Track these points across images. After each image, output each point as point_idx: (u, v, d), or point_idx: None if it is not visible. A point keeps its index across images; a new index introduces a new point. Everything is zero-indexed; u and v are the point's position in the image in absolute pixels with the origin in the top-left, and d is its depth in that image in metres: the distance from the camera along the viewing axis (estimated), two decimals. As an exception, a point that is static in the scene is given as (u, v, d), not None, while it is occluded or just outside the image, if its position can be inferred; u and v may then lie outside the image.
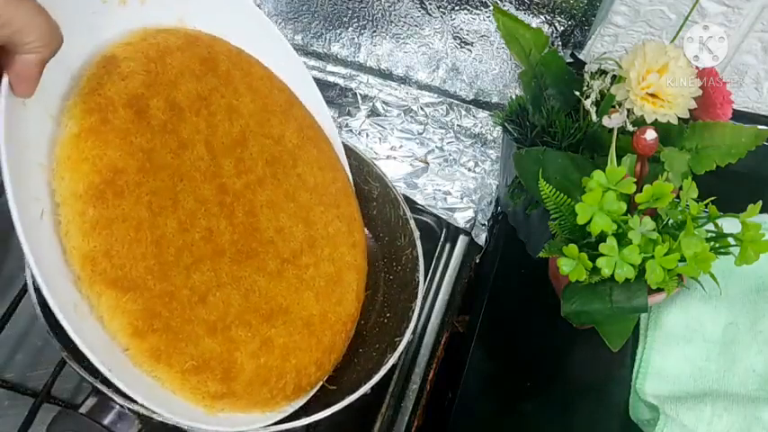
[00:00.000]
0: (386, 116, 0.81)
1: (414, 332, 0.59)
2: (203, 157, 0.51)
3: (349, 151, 0.67)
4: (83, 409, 0.48)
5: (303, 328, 0.54)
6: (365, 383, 0.54)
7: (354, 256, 0.59)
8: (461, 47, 0.77)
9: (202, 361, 0.48)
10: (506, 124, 0.66)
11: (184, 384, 0.47)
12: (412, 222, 0.63)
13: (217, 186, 0.52)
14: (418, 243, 0.62)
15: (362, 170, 0.67)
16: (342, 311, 0.57)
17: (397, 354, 0.56)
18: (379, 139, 0.80)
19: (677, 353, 0.64)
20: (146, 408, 0.46)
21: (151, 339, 0.46)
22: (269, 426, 0.51)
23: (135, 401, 0.45)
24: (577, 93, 0.62)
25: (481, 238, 0.74)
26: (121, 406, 0.48)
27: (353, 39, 0.80)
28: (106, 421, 0.48)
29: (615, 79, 0.59)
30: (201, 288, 0.49)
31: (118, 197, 0.46)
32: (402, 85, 0.82)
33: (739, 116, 0.71)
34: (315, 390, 0.56)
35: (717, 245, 0.55)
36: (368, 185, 0.66)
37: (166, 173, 0.49)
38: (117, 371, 0.43)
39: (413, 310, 0.59)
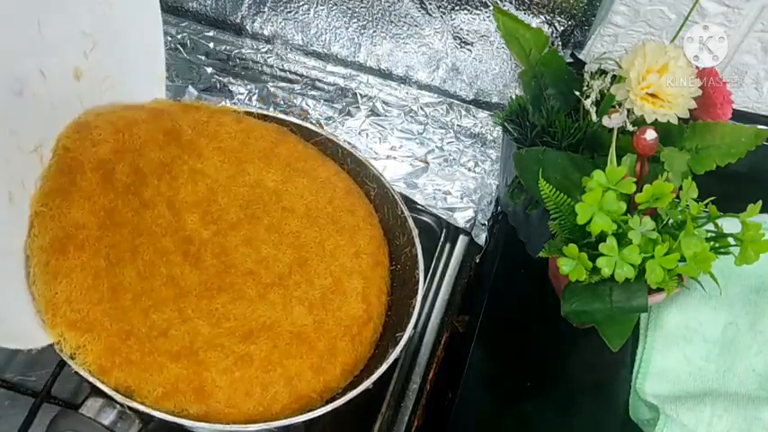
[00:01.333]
0: (386, 116, 0.82)
1: (415, 327, 0.58)
2: (164, 215, 0.57)
3: (346, 153, 0.67)
4: (83, 410, 0.48)
5: (292, 338, 0.55)
6: (367, 379, 0.55)
7: (358, 263, 0.60)
8: (461, 47, 0.77)
9: (170, 385, 0.50)
10: (506, 124, 0.66)
11: (163, 410, 0.50)
12: (410, 221, 0.64)
13: (179, 239, 0.57)
14: (417, 241, 0.63)
15: (360, 172, 0.67)
16: (343, 316, 0.57)
17: (398, 348, 0.56)
18: (379, 139, 0.80)
19: (677, 353, 0.64)
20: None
21: (117, 374, 0.50)
22: (269, 422, 0.52)
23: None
24: (577, 93, 0.62)
25: (481, 238, 0.74)
26: (122, 406, 0.49)
27: (353, 39, 0.80)
28: (107, 421, 0.49)
29: (615, 79, 0.59)
30: (162, 325, 0.52)
31: (78, 250, 0.52)
32: (402, 85, 0.82)
33: (739, 116, 0.71)
34: (331, 393, 0.56)
35: (717, 245, 0.55)
36: (365, 186, 0.67)
37: (126, 229, 0.54)
38: None
39: (413, 306, 0.59)
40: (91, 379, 0.49)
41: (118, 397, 0.49)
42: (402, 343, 0.57)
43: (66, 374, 0.60)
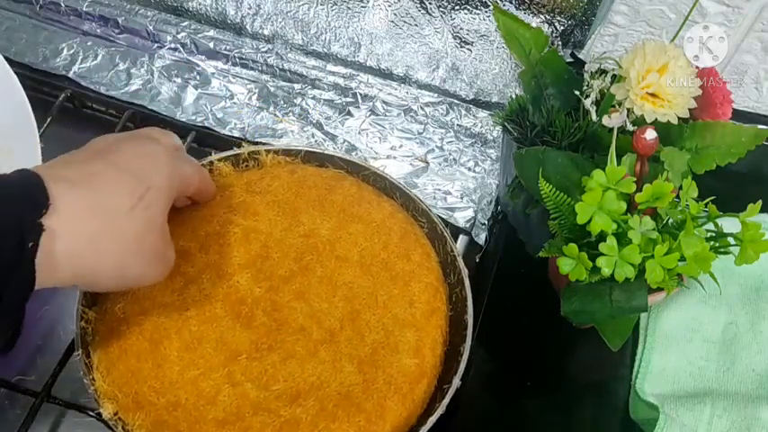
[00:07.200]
0: (386, 116, 0.81)
1: (462, 378, 0.55)
2: (214, 283, 0.56)
3: (394, 187, 0.65)
4: None
5: (341, 399, 0.53)
6: None
7: (411, 313, 0.58)
8: (461, 46, 0.77)
9: None
10: (506, 124, 0.66)
11: None
12: (460, 260, 0.61)
13: (230, 303, 0.56)
14: (467, 282, 0.60)
15: (409, 206, 0.65)
16: (393, 373, 0.55)
17: (444, 403, 0.54)
18: (379, 138, 0.80)
19: (677, 352, 0.64)
20: None
21: None
22: None
23: None
24: (577, 92, 0.62)
25: (481, 238, 0.74)
26: None
27: (353, 39, 0.80)
28: None
29: (615, 79, 0.59)
30: (210, 392, 0.52)
31: (120, 338, 0.54)
32: (402, 85, 0.82)
33: (739, 116, 0.71)
34: None
35: (717, 244, 0.55)
36: (418, 221, 0.65)
37: (171, 307, 0.55)
38: None
39: (462, 354, 0.57)
40: None
41: None
42: (448, 397, 0.54)
43: (66, 374, 0.60)
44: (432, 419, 0.54)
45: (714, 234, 0.55)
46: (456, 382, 0.55)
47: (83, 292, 0.56)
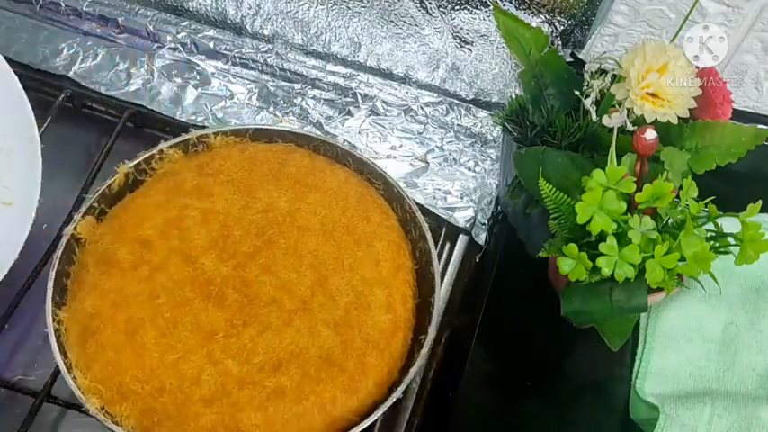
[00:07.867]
0: (386, 116, 0.81)
1: (436, 327, 0.58)
2: (180, 268, 0.57)
3: (346, 154, 0.67)
4: None
5: (321, 363, 0.55)
6: (396, 388, 0.55)
7: (378, 272, 0.60)
8: (461, 46, 0.77)
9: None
10: (506, 124, 0.66)
11: None
12: (419, 215, 0.63)
13: (199, 284, 0.57)
14: (428, 235, 0.62)
15: (364, 171, 0.67)
16: (369, 331, 0.57)
17: (423, 352, 0.56)
18: (379, 138, 0.80)
19: (677, 352, 0.64)
20: None
21: (159, 430, 0.52)
22: None
23: None
24: (577, 92, 0.62)
25: (481, 238, 0.74)
26: None
27: (353, 38, 0.80)
28: None
29: (615, 79, 0.59)
30: (193, 373, 0.53)
31: (95, 334, 0.55)
32: (402, 85, 0.82)
33: (739, 116, 0.70)
34: (368, 409, 0.56)
35: (717, 244, 0.55)
36: (373, 185, 0.66)
37: (141, 297, 0.56)
38: None
39: (432, 305, 0.59)
40: None
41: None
42: (426, 346, 0.56)
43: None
44: (413, 370, 0.55)
45: (714, 234, 0.55)
46: (432, 331, 0.57)
47: (51, 293, 0.56)
